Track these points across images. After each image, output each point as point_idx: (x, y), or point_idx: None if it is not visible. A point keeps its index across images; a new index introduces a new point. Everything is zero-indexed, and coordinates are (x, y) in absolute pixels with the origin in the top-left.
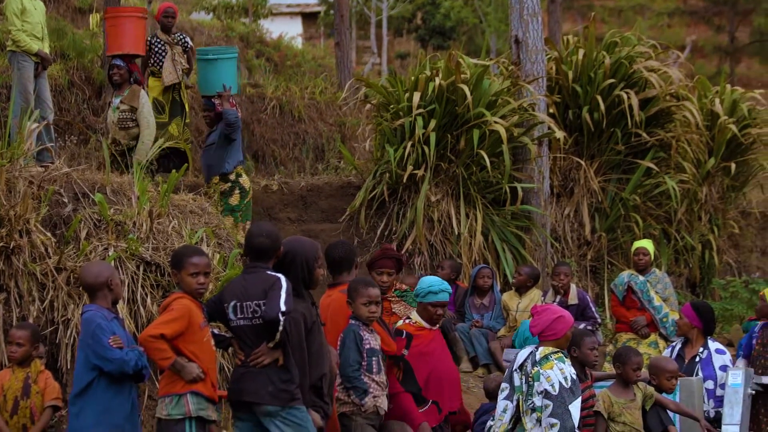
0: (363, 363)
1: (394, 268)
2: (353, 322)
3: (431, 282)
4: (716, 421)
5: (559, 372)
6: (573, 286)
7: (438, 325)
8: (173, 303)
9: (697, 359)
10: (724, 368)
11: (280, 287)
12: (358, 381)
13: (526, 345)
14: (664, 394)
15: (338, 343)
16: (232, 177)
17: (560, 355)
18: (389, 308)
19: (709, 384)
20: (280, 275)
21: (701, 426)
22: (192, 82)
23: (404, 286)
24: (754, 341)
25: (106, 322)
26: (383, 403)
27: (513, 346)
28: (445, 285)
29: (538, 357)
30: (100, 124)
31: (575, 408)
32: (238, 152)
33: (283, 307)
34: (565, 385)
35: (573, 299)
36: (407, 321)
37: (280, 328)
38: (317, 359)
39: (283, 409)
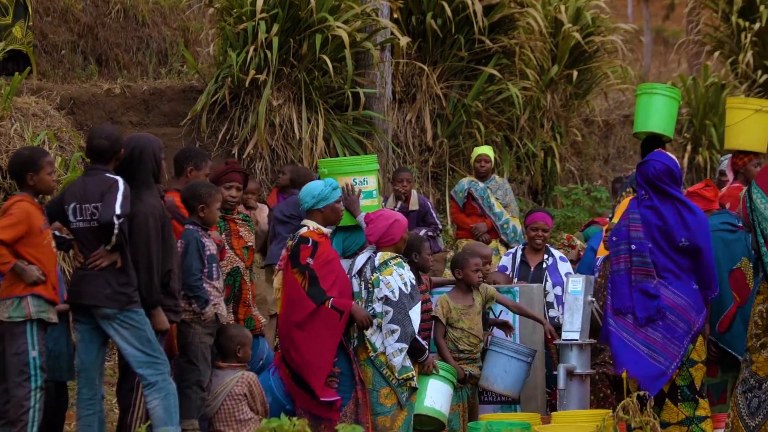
0: (204, 270)
1: (242, 183)
2: (191, 227)
3: (322, 183)
4: None
5: (398, 277)
6: (414, 192)
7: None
8: (12, 207)
9: (544, 266)
10: (568, 276)
11: (117, 190)
12: (201, 291)
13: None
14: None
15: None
16: None
17: (399, 260)
18: (237, 231)
19: (558, 290)
20: (118, 178)
21: (544, 328)
22: None
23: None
24: (596, 273)
25: None
26: (222, 310)
27: None
28: (334, 181)
29: (377, 263)
30: None
31: (415, 313)
32: None
33: (118, 210)
34: (405, 291)
35: (414, 205)
36: (311, 229)
37: (116, 231)
38: (166, 256)
39: (121, 312)
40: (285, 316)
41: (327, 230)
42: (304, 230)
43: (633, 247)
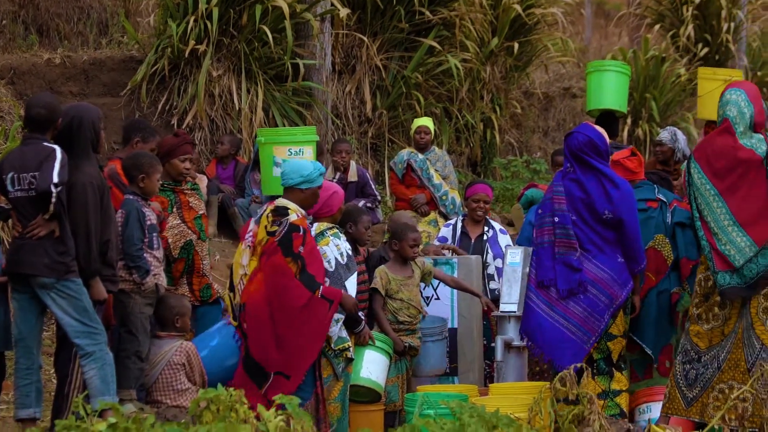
0: (145, 240)
1: (192, 154)
2: (131, 197)
3: (312, 165)
4: None
5: (335, 248)
6: (353, 164)
7: None
8: None
9: (485, 238)
10: (507, 247)
11: (55, 158)
12: (142, 261)
13: None
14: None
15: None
16: None
17: (335, 230)
18: (187, 202)
19: (498, 263)
20: (56, 147)
21: (481, 301)
22: None
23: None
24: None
25: None
26: (162, 280)
27: None
28: (322, 167)
29: (313, 233)
30: None
31: (351, 284)
32: None
33: (55, 179)
34: (341, 261)
35: (353, 176)
36: (299, 215)
37: (53, 199)
38: (104, 225)
39: (59, 282)
40: (269, 303)
41: None
42: (293, 217)
43: (556, 219)
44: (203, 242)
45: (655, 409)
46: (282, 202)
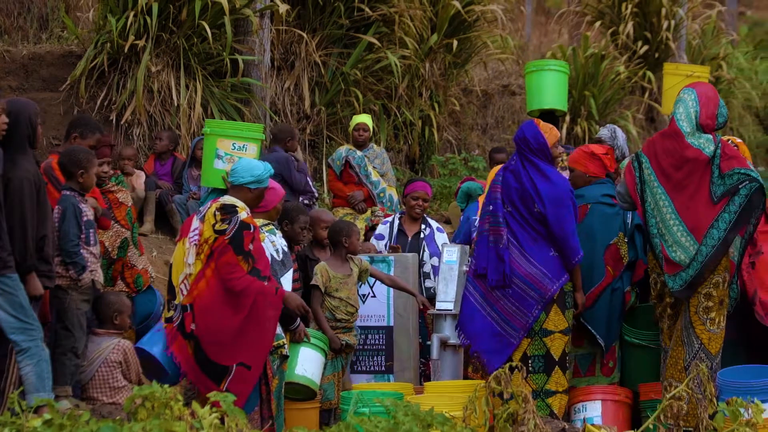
0: (81, 236)
1: (110, 156)
2: (68, 193)
3: (263, 166)
4: None
5: (270, 244)
6: None
7: None
8: None
9: (422, 236)
10: (444, 245)
11: None
12: (78, 257)
13: None
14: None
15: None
16: None
17: (271, 227)
18: (116, 200)
19: (435, 261)
20: None
21: (417, 300)
22: None
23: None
24: (474, 234)
25: None
26: (99, 277)
27: None
28: (272, 169)
29: None
30: None
31: (287, 280)
32: None
33: None
34: (277, 258)
35: None
36: (248, 213)
37: None
38: (41, 221)
39: None
40: (222, 300)
41: None
42: (243, 215)
43: (490, 208)
44: (132, 234)
45: (590, 409)
46: (229, 199)
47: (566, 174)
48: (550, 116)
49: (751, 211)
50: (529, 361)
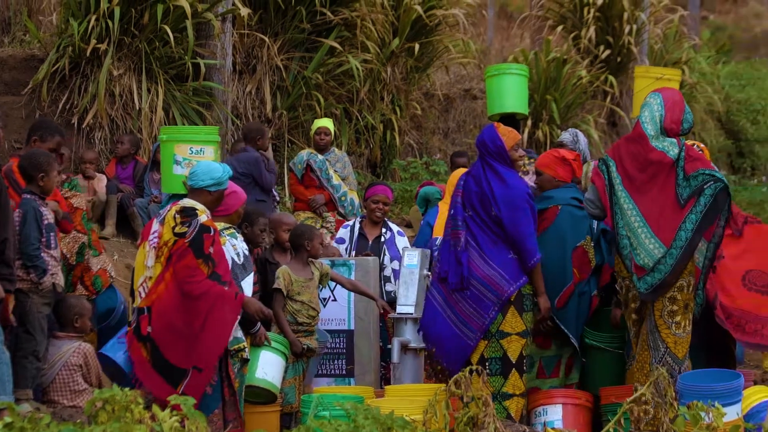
0: (42, 239)
1: (61, 163)
2: (29, 196)
3: (222, 169)
4: None
5: (231, 248)
6: None
7: None
8: None
9: (382, 239)
10: (405, 249)
11: None
12: (39, 260)
13: None
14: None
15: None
16: None
17: (232, 230)
18: (71, 204)
19: (395, 264)
20: None
21: (377, 304)
22: None
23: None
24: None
25: None
26: (60, 280)
27: None
28: (231, 171)
29: None
30: None
31: (247, 284)
32: None
33: None
34: (238, 261)
35: None
36: (208, 216)
37: None
38: (1, 224)
39: None
40: (180, 304)
41: None
42: (203, 218)
43: (452, 212)
44: (88, 237)
45: (551, 412)
46: (189, 202)
47: (531, 178)
48: (511, 120)
49: (717, 211)
50: (486, 364)
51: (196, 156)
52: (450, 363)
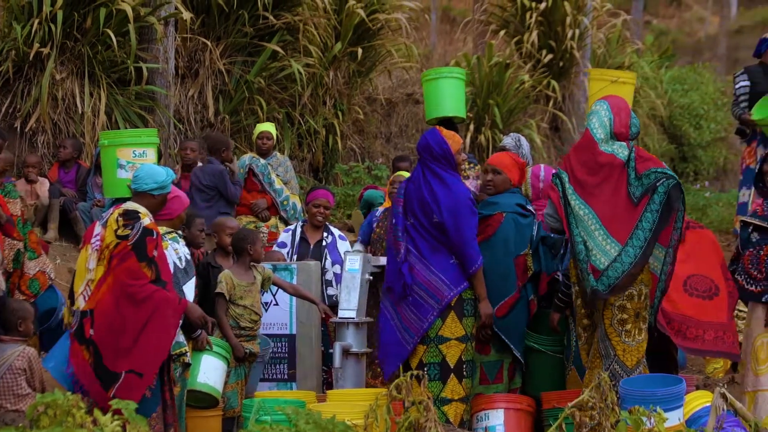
0: None
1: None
2: None
3: (165, 172)
4: None
5: (173, 252)
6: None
7: None
8: None
9: (324, 243)
10: (346, 253)
11: None
12: None
13: None
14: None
15: None
16: None
17: (174, 235)
18: (7, 210)
19: (337, 269)
20: None
21: (319, 308)
22: None
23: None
24: (374, 225)
25: None
26: (2, 284)
27: None
28: (174, 175)
29: None
30: None
31: (189, 288)
32: None
33: None
34: (180, 266)
35: None
36: (151, 219)
37: None
38: None
39: None
40: (121, 307)
41: None
42: (146, 221)
43: (393, 221)
44: (24, 242)
45: (493, 417)
46: (132, 205)
47: (472, 183)
48: (449, 124)
49: (671, 208)
50: (425, 369)
51: (139, 159)
52: (385, 366)
